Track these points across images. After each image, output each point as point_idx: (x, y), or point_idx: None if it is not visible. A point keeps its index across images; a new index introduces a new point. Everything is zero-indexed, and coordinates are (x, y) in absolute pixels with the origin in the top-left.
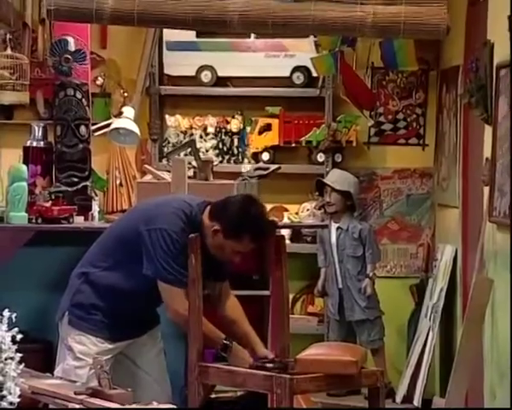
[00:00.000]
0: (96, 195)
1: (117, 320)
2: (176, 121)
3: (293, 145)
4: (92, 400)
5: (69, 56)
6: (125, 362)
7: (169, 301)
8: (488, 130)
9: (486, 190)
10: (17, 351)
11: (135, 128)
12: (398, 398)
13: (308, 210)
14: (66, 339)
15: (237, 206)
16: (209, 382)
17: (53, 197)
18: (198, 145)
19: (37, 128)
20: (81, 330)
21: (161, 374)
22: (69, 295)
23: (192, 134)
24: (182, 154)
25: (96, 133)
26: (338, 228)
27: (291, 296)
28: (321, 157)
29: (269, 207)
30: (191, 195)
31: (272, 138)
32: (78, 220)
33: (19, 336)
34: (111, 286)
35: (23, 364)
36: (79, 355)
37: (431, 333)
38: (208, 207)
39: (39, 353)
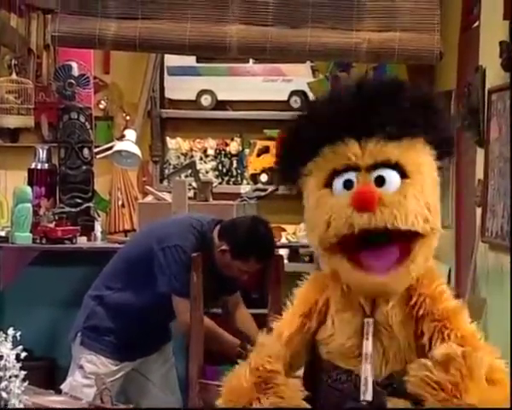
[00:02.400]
0: (99, 215)
1: (129, 341)
2: (176, 144)
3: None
4: None
5: (73, 81)
6: (138, 378)
7: (181, 313)
8: (480, 152)
9: (479, 210)
10: (21, 369)
11: (136, 150)
12: None
13: (305, 230)
14: (78, 358)
15: (245, 228)
16: (209, 399)
17: (57, 218)
18: (198, 167)
19: (41, 151)
20: (93, 351)
21: (173, 389)
22: (83, 317)
23: (192, 156)
24: (182, 175)
25: (99, 156)
26: None
27: None
28: None
29: None
30: (200, 214)
31: (270, 160)
32: (82, 241)
33: (23, 354)
34: (124, 307)
35: (27, 381)
36: (89, 375)
37: None
38: (218, 226)
39: (43, 370)
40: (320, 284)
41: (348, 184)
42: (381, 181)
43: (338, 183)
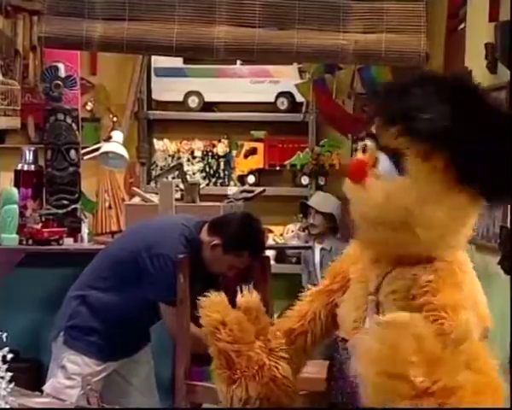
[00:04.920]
0: (86, 217)
1: (112, 341)
2: (164, 145)
3: (278, 168)
4: None
5: (60, 82)
6: (117, 380)
7: (170, 321)
8: None
9: None
10: (7, 370)
11: (124, 152)
12: None
13: (292, 232)
14: (60, 358)
15: (238, 222)
16: (196, 400)
17: (43, 219)
18: (185, 168)
19: (28, 152)
20: (76, 351)
21: (152, 391)
22: (65, 316)
23: (179, 158)
24: (169, 177)
25: (86, 157)
26: (322, 249)
27: (275, 315)
28: (305, 180)
29: None
30: (186, 215)
31: (257, 162)
32: (68, 242)
33: (9, 356)
34: (108, 308)
35: (13, 383)
36: (72, 375)
37: None
38: (206, 225)
39: (29, 372)
40: (354, 254)
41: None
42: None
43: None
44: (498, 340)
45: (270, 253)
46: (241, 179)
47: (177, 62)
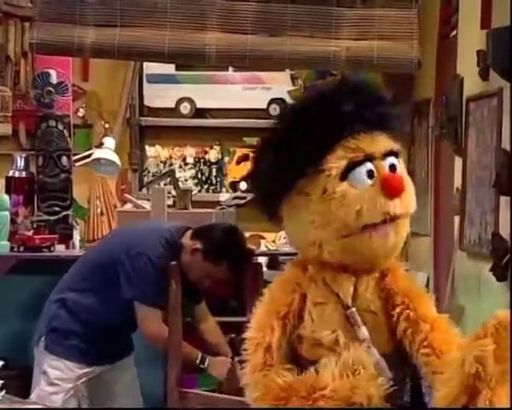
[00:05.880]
0: (77, 224)
1: (93, 345)
2: (156, 152)
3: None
4: None
5: (51, 89)
6: (102, 387)
7: (146, 322)
8: (458, 161)
9: (457, 219)
10: None
11: (115, 158)
12: None
13: (285, 238)
14: (41, 364)
15: (222, 232)
16: (189, 407)
17: (35, 226)
18: (177, 175)
19: (19, 159)
20: (57, 356)
21: (136, 399)
22: (45, 320)
23: (171, 164)
24: (161, 183)
25: (78, 164)
26: None
27: None
28: None
29: (246, 235)
30: (172, 221)
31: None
32: (60, 249)
33: (0, 363)
34: (88, 310)
35: (4, 390)
36: (55, 381)
37: None
38: (190, 231)
39: (19, 379)
40: (291, 283)
41: (371, 174)
42: (393, 168)
43: (359, 174)
44: None
45: (262, 259)
46: (234, 186)
47: (169, 69)
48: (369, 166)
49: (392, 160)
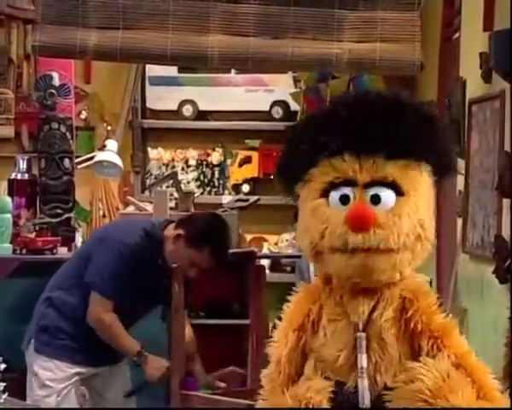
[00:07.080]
0: (80, 226)
1: (82, 344)
2: (158, 154)
3: (273, 177)
4: None
5: (54, 91)
6: (92, 395)
7: (94, 306)
8: (461, 163)
9: (460, 221)
10: (1, 380)
11: (118, 161)
12: None
13: (287, 241)
14: (32, 366)
15: (204, 219)
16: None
17: (37, 229)
18: (179, 177)
19: (21, 161)
20: (47, 356)
21: (128, 405)
22: (34, 322)
23: (174, 166)
24: (164, 185)
25: (80, 166)
26: None
27: (270, 325)
28: None
29: (249, 237)
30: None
31: (252, 171)
32: (62, 251)
33: (2, 366)
34: (74, 307)
35: (7, 393)
36: (46, 382)
37: None
38: (173, 223)
39: (21, 382)
40: (312, 293)
41: (344, 199)
42: (376, 199)
43: (334, 196)
44: (492, 348)
45: (264, 262)
46: (236, 188)
47: (171, 71)
48: (345, 191)
49: (377, 190)
